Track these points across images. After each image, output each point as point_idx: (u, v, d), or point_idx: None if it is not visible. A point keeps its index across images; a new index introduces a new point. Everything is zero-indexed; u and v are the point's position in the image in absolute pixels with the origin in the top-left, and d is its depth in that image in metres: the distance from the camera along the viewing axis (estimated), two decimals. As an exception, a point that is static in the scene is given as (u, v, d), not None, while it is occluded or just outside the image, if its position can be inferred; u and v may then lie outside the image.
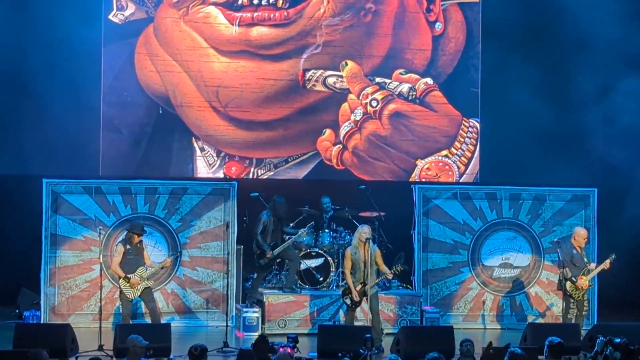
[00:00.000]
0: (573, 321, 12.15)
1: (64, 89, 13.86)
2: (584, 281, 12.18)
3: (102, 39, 14.46)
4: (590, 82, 14.80)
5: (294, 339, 10.76)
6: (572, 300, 12.19)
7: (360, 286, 11.68)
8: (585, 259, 12.37)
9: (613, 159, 14.47)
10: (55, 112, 13.89)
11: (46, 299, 13.04)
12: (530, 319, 13.61)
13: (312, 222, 13.10)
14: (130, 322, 11.84)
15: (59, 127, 13.87)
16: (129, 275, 11.70)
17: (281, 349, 8.87)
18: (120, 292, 11.81)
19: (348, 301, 11.82)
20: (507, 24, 14.81)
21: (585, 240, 12.40)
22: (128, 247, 11.81)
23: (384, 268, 11.85)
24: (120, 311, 12.00)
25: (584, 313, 12.32)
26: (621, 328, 10.96)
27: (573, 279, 12.14)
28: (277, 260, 13.23)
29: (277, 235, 12.96)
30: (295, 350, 10.61)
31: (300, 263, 13.31)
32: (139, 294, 11.77)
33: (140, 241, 11.91)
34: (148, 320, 12.16)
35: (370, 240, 11.73)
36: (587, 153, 14.53)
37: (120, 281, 11.78)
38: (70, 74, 13.91)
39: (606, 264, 12.31)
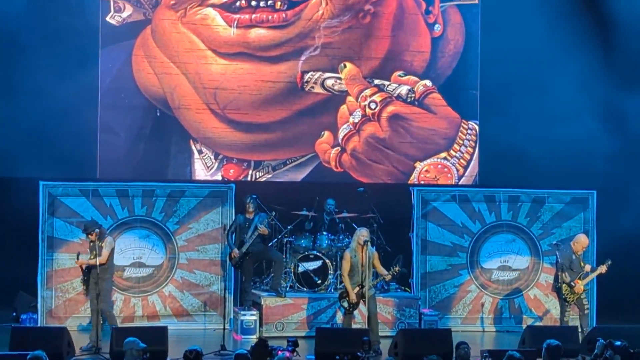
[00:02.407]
0: (569, 323, 12.11)
1: (61, 90, 13.77)
2: (579, 285, 12.13)
3: (100, 41, 14.41)
4: (590, 83, 14.75)
5: (293, 343, 10.72)
6: (567, 304, 12.16)
7: (358, 289, 11.63)
8: (582, 263, 12.32)
9: (613, 162, 14.42)
10: (53, 114, 13.82)
11: (43, 302, 12.99)
12: (528, 321, 13.56)
13: (273, 212, 12.92)
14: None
15: (57, 130, 13.79)
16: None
17: (280, 352, 8.83)
18: None
19: (345, 304, 11.76)
20: (506, 25, 14.77)
21: (584, 249, 12.35)
22: (90, 243, 11.70)
23: (381, 270, 11.81)
24: None
25: (585, 312, 12.27)
26: (620, 331, 10.90)
27: (572, 283, 12.09)
28: (255, 262, 13.06)
29: (246, 233, 12.74)
30: (295, 354, 10.57)
31: (285, 264, 13.22)
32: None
33: (98, 239, 11.56)
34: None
35: (369, 243, 11.68)
36: (587, 155, 14.48)
37: None
38: (67, 75, 13.83)
39: (602, 269, 12.27)
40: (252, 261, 12.92)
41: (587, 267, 12.38)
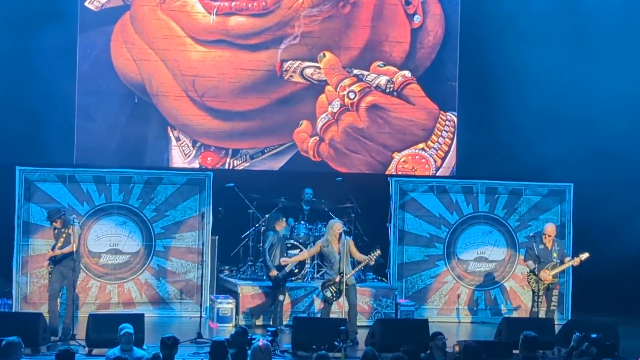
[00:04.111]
0: (539, 315, 12.09)
1: (39, 76, 13.66)
2: (546, 275, 12.10)
3: (78, 27, 14.29)
4: (569, 75, 14.80)
5: (273, 333, 10.70)
6: (535, 294, 12.12)
7: (339, 277, 11.60)
8: (555, 254, 12.26)
9: (590, 154, 14.48)
10: (30, 100, 13.72)
11: (18, 288, 12.89)
12: (503, 312, 13.61)
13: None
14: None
15: (33, 115, 13.69)
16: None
17: (260, 342, 8.79)
18: None
19: (328, 294, 11.71)
20: (486, 18, 14.80)
21: (550, 236, 12.27)
22: (55, 230, 11.56)
23: (360, 257, 11.78)
24: None
25: (552, 307, 12.24)
26: (595, 323, 10.98)
27: (535, 271, 12.09)
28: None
29: (284, 252, 12.54)
30: (274, 344, 10.54)
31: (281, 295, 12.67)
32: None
33: (63, 226, 11.38)
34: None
35: (343, 233, 11.68)
36: (564, 147, 14.54)
37: None
38: (45, 61, 13.71)
39: (575, 261, 12.23)
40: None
41: (567, 259, 12.35)
